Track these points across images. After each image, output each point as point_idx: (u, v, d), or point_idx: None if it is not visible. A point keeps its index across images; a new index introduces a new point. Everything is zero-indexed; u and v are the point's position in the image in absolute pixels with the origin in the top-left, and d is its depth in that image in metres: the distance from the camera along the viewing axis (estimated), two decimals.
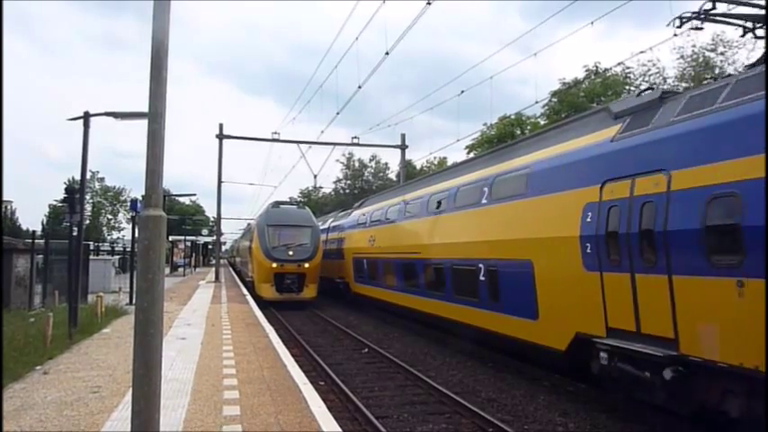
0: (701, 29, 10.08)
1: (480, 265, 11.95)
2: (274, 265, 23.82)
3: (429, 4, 13.74)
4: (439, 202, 14.85)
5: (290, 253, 24.02)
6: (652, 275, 7.29)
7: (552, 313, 9.59)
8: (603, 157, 8.67)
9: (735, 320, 6.23)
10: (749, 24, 8.60)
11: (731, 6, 8.58)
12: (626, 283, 7.73)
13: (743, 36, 9.50)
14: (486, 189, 12.31)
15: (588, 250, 8.49)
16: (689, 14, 8.56)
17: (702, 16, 8.35)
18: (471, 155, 39.44)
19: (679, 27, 9.12)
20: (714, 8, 8.28)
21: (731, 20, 8.88)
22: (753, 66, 7.85)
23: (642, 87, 31.83)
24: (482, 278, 11.86)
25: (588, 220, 8.56)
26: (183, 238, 55.43)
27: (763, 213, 5.93)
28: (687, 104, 7.63)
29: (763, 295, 5.85)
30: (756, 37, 8.92)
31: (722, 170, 6.47)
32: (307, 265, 24.05)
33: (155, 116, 4.52)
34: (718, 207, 6.46)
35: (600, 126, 9.26)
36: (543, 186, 10.07)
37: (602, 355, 8.14)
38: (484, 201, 12.31)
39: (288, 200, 37.03)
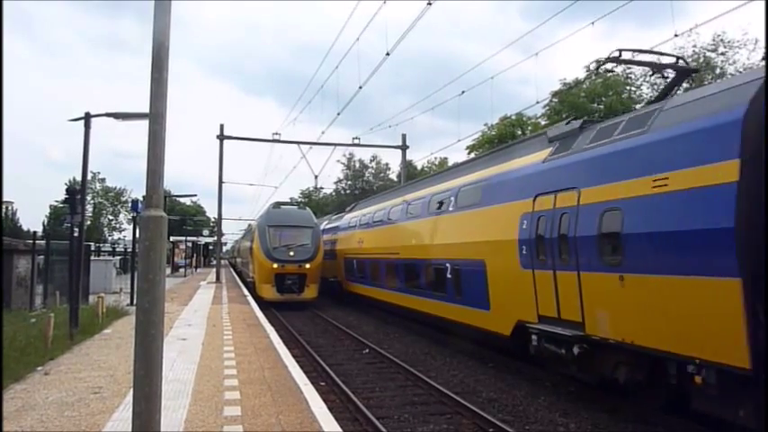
0: (613, 71, 14.83)
1: (447, 265, 13.63)
2: (275, 265, 23.81)
3: (429, 4, 13.74)
4: (415, 209, 16.72)
5: (291, 253, 24.02)
6: (567, 272, 8.99)
7: (500, 304, 11.32)
8: (536, 175, 10.40)
9: (619, 306, 7.92)
10: (656, 61, 10.61)
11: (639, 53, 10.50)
12: (550, 279, 9.40)
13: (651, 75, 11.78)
14: (452, 198, 14.12)
15: (524, 252, 10.23)
16: (604, 58, 10.66)
17: (615, 58, 10.16)
18: (472, 155, 39.46)
19: (597, 69, 12.74)
20: (620, 56, 10.16)
21: (639, 64, 11.67)
22: (652, 102, 9.49)
23: (643, 88, 31.92)
24: (449, 276, 13.55)
25: (524, 226, 10.27)
26: (183, 238, 55.48)
27: (639, 225, 7.66)
28: (596, 135, 9.30)
29: (638, 286, 7.59)
30: (663, 77, 10.84)
31: (612, 190, 8.18)
32: (307, 266, 24.05)
33: (155, 117, 4.53)
34: (608, 219, 8.14)
35: (538, 148, 11.00)
36: (493, 197, 11.87)
37: (534, 337, 9.96)
38: (451, 208, 14.06)
39: (288, 200, 37.04)
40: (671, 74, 10.15)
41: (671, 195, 7.16)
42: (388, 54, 17.29)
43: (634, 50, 10.37)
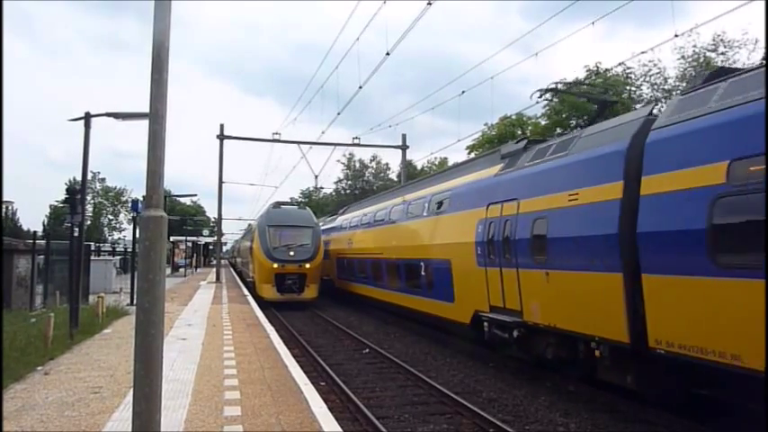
0: (552, 100, 19.41)
1: (421, 264, 15.47)
2: (275, 265, 23.78)
3: (430, 4, 13.74)
4: (395, 214, 18.60)
5: (291, 253, 24.01)
6: (510, 269, 10.75)
7: (462, 298, 13.08)
8: (489, 187, 12.26)
9: (546, 297, 9.67)
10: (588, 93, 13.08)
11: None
12: (498, 275, 11.18)
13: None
14: (425, 205, 16.00)
15: (479, 252, 12.00)
16: (544, 89, 12.56)
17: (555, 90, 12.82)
18: (472, 155, 39.46)
19: (539, 98, 14.06)
20: (557, 89, 12.59)
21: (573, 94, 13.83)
22: (589, 125, 11.01)
23: (643, 88, 31.94)
24: (422, 273, 15.44)
25: (479, 231, 12.04)
26: (184, 238, 55.44)
27: (558, 231, 9.34)
28: (534, 154, 11.03)
29: (558, 280, 9.28)
30: (601, 102, 12.92)
31: (541, 202, 9.90)
32: (308, 266, 24.03)
33: (156, 117, 4.53)
34: (537, 225, 9.86)
35: (492, 164, 12.90)
36: (457, 205, 13.70)
37: (486, 324, 11.77)
38: (424, 213, 15.90)
39: (288, 200, 37.00)
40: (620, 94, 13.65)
41: (579, 208, 8.90)
42: (388, 54, 17.29)
43: (570, 83, 13.67)
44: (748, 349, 5.98)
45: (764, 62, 6.33)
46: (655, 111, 8.86)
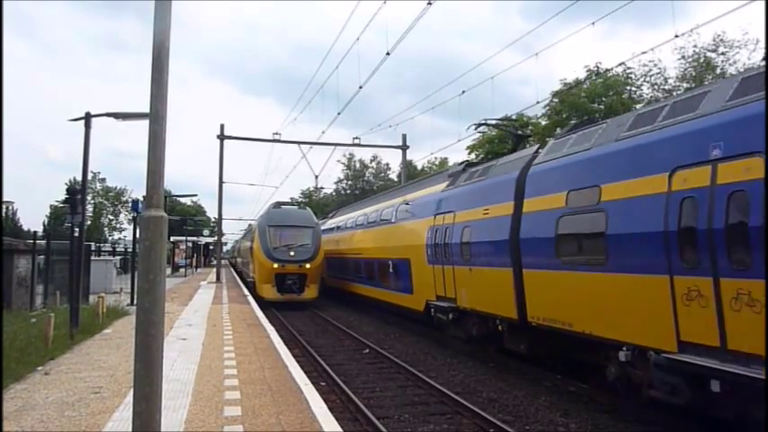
0: (486, 132, 26.18)
1: (389, 262, 18.39)
2: (275, 265, 23.74)
3: (430, 4, 13.74)
4: (372, 219, 21.60)
5: (292, 253, 23.97)
6: (448, 266, 13.71)
7: (418, 290, 16.07)
8: (436, 201, 15.18)
9: (469, 287, 12.69)
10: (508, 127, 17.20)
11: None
12: (441, 271, 14.14)
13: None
14: (394, 212, 19.00)
15: (429, 252, 14.93)
16: (477, 123, 15.87)
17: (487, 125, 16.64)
18: (472, 155, 39.48)
19: (476, 129, 17.45)
20: (485, 123, 16.22)
21: (498, 128, 18.07)
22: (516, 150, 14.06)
23: (643, 88, 31.96)
24: (390, 270, 18.36)
25: (429, 236, 14.99)
26: (184, 238, 55.37)
27: (477, 236, 12.25)
28: (467, 176, 14.03)
29: (477, 274, 12.24)
30: (517, 136, 16.14)
31: (468, 214, 12.88)
32: (308, 266, 23.99)
33: (156, 117, 4.53)
34: (465, 232, 12.82)
35: (441, 182, 15.83)
36: (415, 214, 16.79)
37: (432, 310, 14.83)
38: (393, 220, 18.96)
39: (289, 200, 36.95)
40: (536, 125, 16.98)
41: (489, 220, 11.87)
42: (388, 54, 17.29)
43: (500, 119, 17.33)
44: (578, 319, 9.01)
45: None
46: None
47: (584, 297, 8.82)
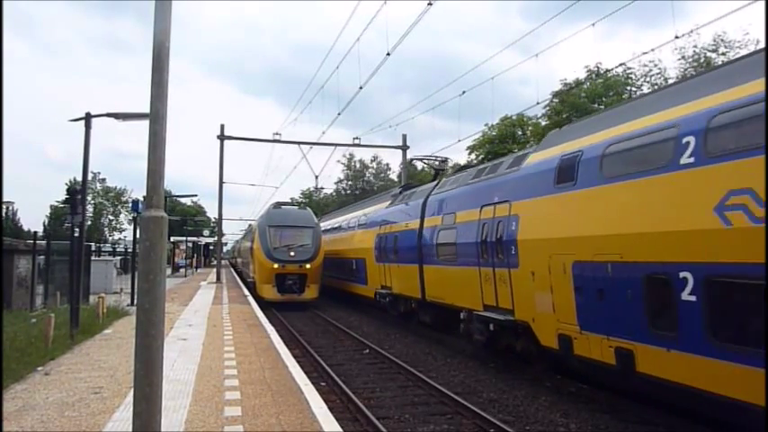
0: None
1: (353, 260, 23.35)
2: (276, 265, 23.78)
3: (430, 4, 13.73)
4: (346, 224, 26.28)
5: (292, 254, 24.02)
6: (388, 264, 18.58)
7: (371, 281, 21.04)
8: (381, 215, 20.33)
9: (399, 279, 17.62)
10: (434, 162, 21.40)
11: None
12: (383, 268, 19.18)
13: (435, 175, 20.64)
14: (357, 221, 24.00)
15: (376, 254, 19.94)
16: (413, 158, 24.75)
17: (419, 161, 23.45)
18: (473, 156, 39.50)
19: (411, 162, 29.90)
20: (418, 158, 23.11)
21: (422, 160, 22.58)
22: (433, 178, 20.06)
23: (644, 88, 31.95)
24: (353, 267, 23.45)
25: (377, 241, 19.89)
26: (184, 238, 55.41)
27: (401, 242, 17.34)
28: (400, 198, 19.13)
29: (401, 269, 17.44)
30: (436, 170, 20.54)
31: (397, 226, 17.72)
32: (308, 266, 24.05)
33: (156, 117, 4.52)
34: (395, 239, 17.69)
35: (387, 200, 21.04)
36: (368, 224, 21.82)
37: (378, 296, 19.80)
38: (356, 228, 23.88)
39: (289, 201, 36.91)
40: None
41: (407, 231, 16.81)
42: (388, 54, 17.28)
43: (425, 156, 21.57)
44: (447, 295, 14.07)
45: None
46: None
47: (449, 282, 14.03)
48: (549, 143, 10.72)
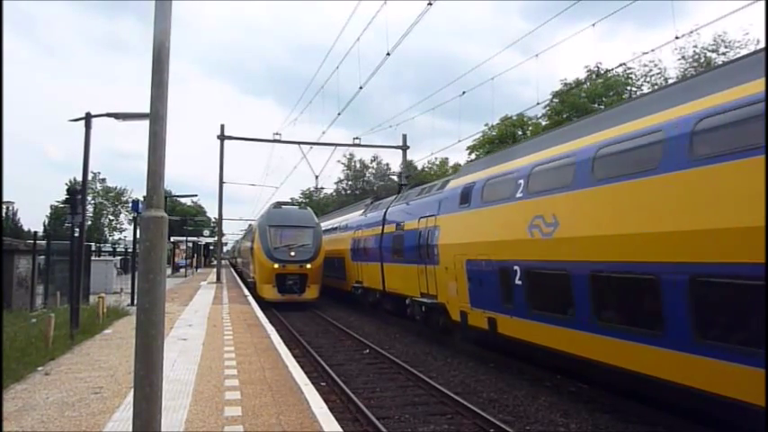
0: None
1: (335, 259, 26.56)
2: (276, 265, 23.75)
3: (430, 4, 13.72)
4: (333, 227, 29.20)
5: (292, 254, 23.97)
6: (359, 263, 23.01)
7: (348, 277, 24.98)
8: (356, 222, 24.37)
9: (367, 275, 21.73)
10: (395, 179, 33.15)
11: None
12: (358, 266, 23.12)
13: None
14: (339, 225, 27.63)
15: (352, 254, 24.12)
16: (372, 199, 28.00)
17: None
18: (473, 156, 39.51)
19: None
20: (395, 175, 37.64)
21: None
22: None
23: (644, 89, 31.93)
24: (335, 265, 26.72)
25: (352, 243, 23.95)
26: (184, 238, 55.39)
27: (368, 245, 21.59)
28: (370, 208, 23.44)
29: (365, 267, 22.12)
30: (401, 184, 23.58)
31: (366, 233, 21.95)
32: (308, 266, 24.04)
33: (156, 118, 4.52)
34: (365, 242, 21.98)
35: (361, 209, 25.08)
36: (347, 228, 25.72)
37: (353, 289, 23.98)
38: (339, 230, 27.36)
39: (289, 200, 36.88)
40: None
41: (373, 236, 20.63)
42: (388, 54, 17.27)
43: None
44: (400, 287, 17.83)
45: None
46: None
47: (400, 276, 17.83)
48: (462, 173, 14.76)
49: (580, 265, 8.77)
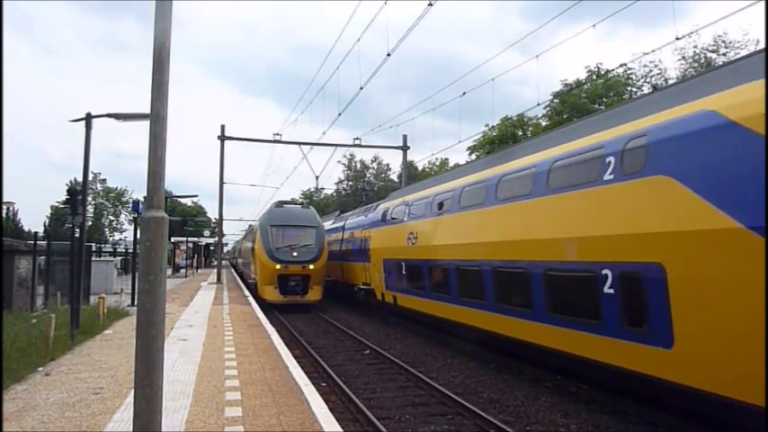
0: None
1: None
2: (278, 266, 23.17)
3: (431, 5, 13.73)
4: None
5: (295, 254, 23.35)
6: (345, 262, 25.97)
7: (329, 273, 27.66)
8: (329, 227, 28.59)
9: (335, 271, 27.16)
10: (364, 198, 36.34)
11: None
12: (338, 265, 26.93)
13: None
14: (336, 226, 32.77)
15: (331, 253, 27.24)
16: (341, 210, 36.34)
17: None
18: (473, 156, 39.51)
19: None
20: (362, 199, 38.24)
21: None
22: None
23: (644, 89, 31.92)
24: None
25: (332, 244, 27.84)
26: (184, 239, 55.43)
27: (335, 248, 27.13)
28: (338, 218, 30.49)
29: (345, 266, 26.03)
30: (360, 201, 33.92)
31: (334, 237, 27.75)
32: (312, 267, 23.45)
33: (156, 118, 4.52)
34: (333, 246, 27.00)
35: (333, 218, 32.61)
36: (328, 233, 28.19)
37: (327, 282, 26.49)
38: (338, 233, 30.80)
39: (291, 200, 36.67)
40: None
41: (337, 240, 26.86)
42: (389, 55, 17.29)
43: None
44: (354, 279, 24.21)
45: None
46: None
47: (352, 271, 24.14)
48: (388, 198, 21.10)
49: (430, 261, 15.19)
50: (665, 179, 7.30)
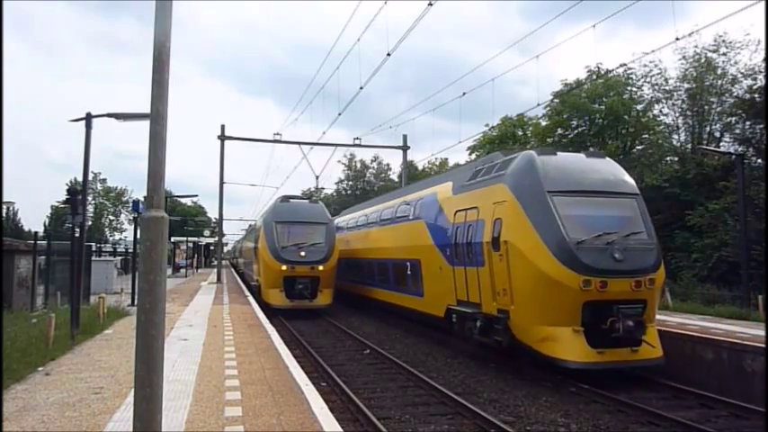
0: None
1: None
2: (284, 267, 20.97)
3: (431, 5, 13.73)
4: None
5: (302, 254, 21.19)
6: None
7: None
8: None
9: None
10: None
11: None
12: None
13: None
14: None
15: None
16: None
17: None
18: (473, 156, 39.54)
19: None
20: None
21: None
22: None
23: (644, 89, 31.91)
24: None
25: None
26: (184, 239, 55.39)
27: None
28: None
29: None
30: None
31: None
32: (321, 268, 21.24)
33: (156, 118, 4.51)
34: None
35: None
36: None
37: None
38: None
39: (298, 195, 32.91)
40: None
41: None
42: (389, 54, 17.32)
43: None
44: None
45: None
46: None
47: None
48: (342, 214, 29.73)
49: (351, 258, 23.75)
50: (421, 221, 16.62)
